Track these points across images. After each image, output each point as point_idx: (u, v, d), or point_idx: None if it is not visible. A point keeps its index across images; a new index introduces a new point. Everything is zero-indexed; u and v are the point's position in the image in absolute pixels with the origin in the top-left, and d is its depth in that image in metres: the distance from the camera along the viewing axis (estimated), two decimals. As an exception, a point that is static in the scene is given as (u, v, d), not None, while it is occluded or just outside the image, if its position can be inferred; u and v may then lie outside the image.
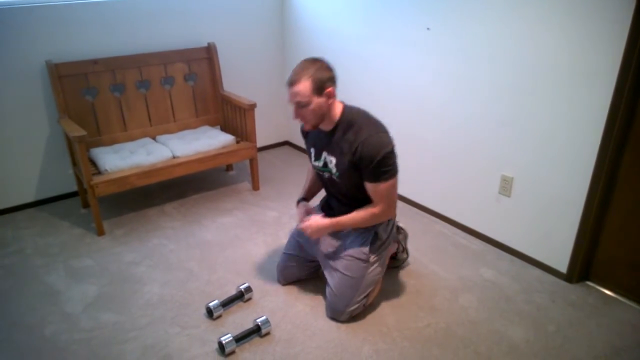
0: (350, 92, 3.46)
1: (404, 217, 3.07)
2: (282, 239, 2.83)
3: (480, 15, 2.48)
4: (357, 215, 2.09)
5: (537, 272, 2.54)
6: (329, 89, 1.95)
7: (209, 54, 3.52)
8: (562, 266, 2.46)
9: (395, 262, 2.57)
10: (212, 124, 3.65)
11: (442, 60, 2.74)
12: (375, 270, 2.19)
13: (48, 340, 2.13)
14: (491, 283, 2.46)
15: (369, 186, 2.02)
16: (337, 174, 2.10)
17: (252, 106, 3.24)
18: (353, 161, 2.00)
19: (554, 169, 2.37)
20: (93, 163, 3.01)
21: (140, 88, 3.32)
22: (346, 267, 2.16)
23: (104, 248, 2.81)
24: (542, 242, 2.53)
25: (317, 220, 2.15)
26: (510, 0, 2.33)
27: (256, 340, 2.11)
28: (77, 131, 2.74)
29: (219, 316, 2.23)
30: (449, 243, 2.80)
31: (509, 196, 2.61)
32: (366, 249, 2.15)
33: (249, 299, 2.34)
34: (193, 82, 3.52)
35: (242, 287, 2.33)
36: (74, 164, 3.11)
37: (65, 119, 2.97)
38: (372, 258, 2.16)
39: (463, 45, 2.61)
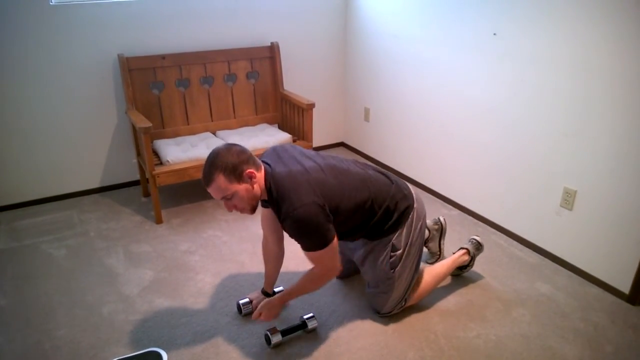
0: (409, 95, 3.45)
1: (459, 226, 3.02)
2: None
3: (548, 21, 2.40)
4: (302, 282, 2.01)
5: (597, 290, 2.43)
6: (247, 171, 1.79)
7: (271, 53, 3.59)
8: (625, 286, 2.34)
9: (458, 272, 2.52)
10: (271, 122, 3.71)
11: (507, 67, 2.67)
12: (402, 278, 2.14)
13: (105, 318, 2.23)
14: (546, 298, 2.37)
15: (304, 252, 1.91)
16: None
17: (311, 106, 3.27)
18: (288, 233, 1.88)
19: (621, 183, 2.26)
20: (156, 154, 3.13)
21: (204, 84, 3.43)
22: (372, 284, 2.19)
23: (161, 236, 2.91)
24: (603, 259, 2.42)
25: (266, 301, 2.07)
26: (580, 8, 2.24)
27: (302, 335, 2.13)
28: (143, 122, 2.86)
29: (247, 314, 2.25)
30: (504, 255, 2.73)
31: (570, 209, 2.51)
32: (386, 268, 2.10)
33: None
34: (254, 80, 3.60)
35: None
36: (138, 153, 3.24)
37: (133, 111, 3.11)
38: (397, 272, 2.11)
39: (530, 52, 2.53)
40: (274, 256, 2.21)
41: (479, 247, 2.49)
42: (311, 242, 1.84)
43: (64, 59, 3.08)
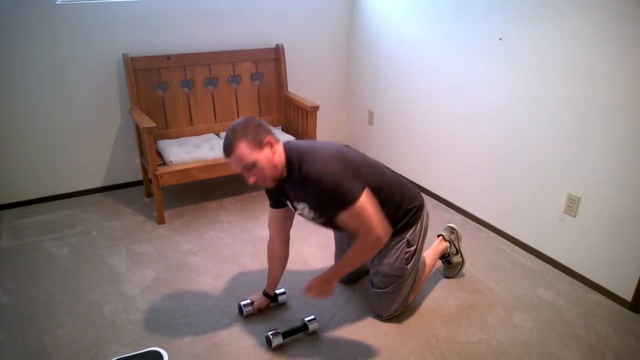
0: (413, 99, 3.45)
1: (462, 230, 3.00)
2: (332, 241, 2.83)
3: (552, 27, 2.40)
4: (348, 256, 1.92)
5: (599, 297, 2.42)
6: (267, 139, 1.80)
7: (276, 54, 3.60)
8: (627, 294, 2.33)
9: (452, 271, 2.53)
10: (275, 123, 3.71)
11: (512, 72, 2.67)
12: (411, 275, 2.16)
13: (106, 317, 2.23)
14: (548, 304, 2.36)
15: (339, 219, 1.84)
16: (317, 216, 1.97)
17: (315, 108, 3.27)
18: (315, 199, 1.86)
19: (625, 191, 2.26)
20: (159, 154, 3.13)
21: (208, 85, 3.43)
22: (381, 284, 2.16)
23: (163, 236, 2.91)
24: (607, 267, 2.41)
25: (318, 277, 1.97)
26: (584, 15, 2.24)
27: (303, 338, 2.12)
28: (146, 122, 2.86)
29: (249, 315, 2.25)
30: (507, 260, 2.72)
31: (574, 216, 2.50)
32: (402, 264, 2.10)
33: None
34: (259, 82, 3.60)
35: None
36: (141, 153, 3.25)
37: (137, 111, 3.11)
38: (408, 270, 2.12)
39: (534, 57, 2.53)
40: (278, 258, 2.21)
41: (452, 231, 2.52)
42: (339, 198, 1.78)
43: (69, 58, 3.09)
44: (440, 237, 2.49)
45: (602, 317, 2.28)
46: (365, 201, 1.80)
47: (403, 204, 2.05)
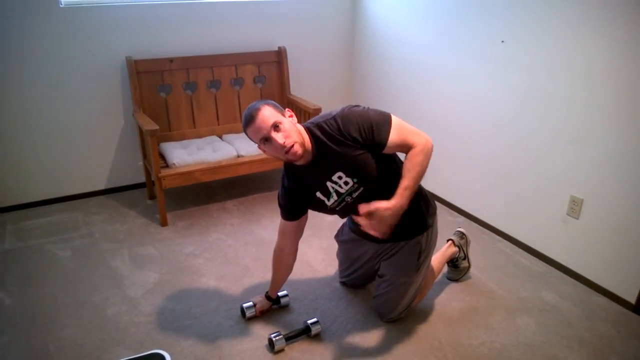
0: (415, 102, 3.45)
1: (463, 232, 3.01)
2: (336, 244, 2.83)
3: (554, 29, 2.40)
4: (409, 168, 1.78)
5: (603, 300, 2.41)
6: (287, 110, 1.85)
7: (278, 57, 3.60)
8: (631, 296, 2.33)
9: (457, 274, 2.52)
10: (277, 126, 3.71)
11: (514, 74, 2.67)
12: (419, 280, 2.15)
13: (110, 319, 2.23)
14: (552, 307, 2.35)
15: (389, 145, 1.80)
16: (354, 184, 1.87)
17: (317, 111, 3.27)
18: (359, 145, 1.80)
19: (628, 192, 2.25)
20: (162, 157, 3.14)
21: (211, 87, 3.44)
22: (389, 286, 2.16)
23: (166, 238, 2.91)
24: (610, 269, 2.40)
25: (382, 205, 1.72)
26: (586, 17, 2.24)
27: (305, 340, 2.12)
28: (149, 125, 2.87)
29: (251, 318, 2.25)
30: (510, 262, 2.71)
31: (577, 218, 2.50)
32: (412, 269, 2.08)
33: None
34: (261, 84, 3.61)
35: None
36: (144, 156, 3.25)
37: (140, 113, 3.12)
38: (417, 274, 2.11)
39: (536, 60, 2.53)
40: (286, 266, 2.21)
41: (462, 236, 2.51)
42: (377, 121, 1.82)
43: (73, 61, 3.10)
44: (450, 242, 2.48)
45: (606, 320, 2.27)
46: (396, 121, 1.85)
47: (422, 195, 2.06)
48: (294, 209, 2.03)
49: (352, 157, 1.82)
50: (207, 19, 3.40)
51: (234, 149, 3.20)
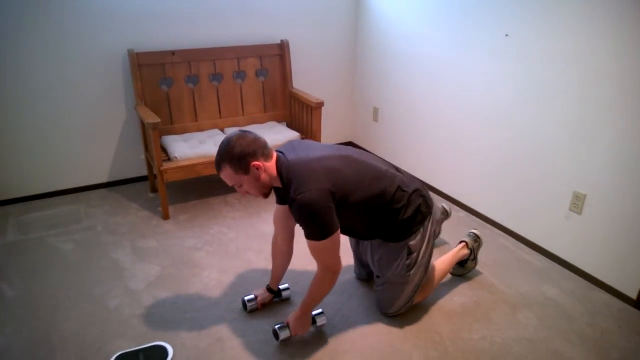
0: (418, 96, 3.44)
1: (466, 227, 3.00)
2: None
3: (559, 23, 2.39)
4: (310, 290, 2.01)
5: (605, 295, 2.41)
6: (253, 163, 1.82)
7: (281, 50, 3.59)
8: (633, 292, 2.32)
9: (462, 271, 2.52)
10: (279, 119, 3.71)
11: (518, 69, 2.66)
12: (414, 280, 2.14)
13: (111, 312, 2.24)
14: (553, 302, 2.35)
15: (307, 243, 1.90)
16: None
17: (320, 104, 3.27)
18: (295, 219, 1.90)
19: (630, 188, 2.24)
20: (163, 150, 3.14)
21: (212, 80, 3.43)
22: (385, 289, 2.18)
23: (167, 231, 2.92)
24: (612, 265, 2.40)
25: (292, 319, 2.05)
26: (592, 12, 2.23)
27: (310, 332, 2.12)
28: (151, 118, 2.86)
29: (253, 310, 2.26)
30: (512, 257, 2.71)
31: (580, 214, 2.49)
32: (402, 271, 2.09)
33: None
34: (264, 78, 3.60)
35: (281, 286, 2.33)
36: (146, 149, 3.25)
37: (142, 106, 3.12)
38: (410, 275, 2.11)
39: (540, 54, 2.52)
40: (282, 253, 2.22)
41: (476, 239, 2.50)
42: (313, 229, 1.83)
43: (74, 54, 3.10)
44: (463, 244, 2.47)
45: (607, 315, 2.27)
46: (331, 241, 1.84)
47: (405, 208, 2.01)
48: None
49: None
50: (209, 11, 3.38)
51: (235, 142, 3.18)
